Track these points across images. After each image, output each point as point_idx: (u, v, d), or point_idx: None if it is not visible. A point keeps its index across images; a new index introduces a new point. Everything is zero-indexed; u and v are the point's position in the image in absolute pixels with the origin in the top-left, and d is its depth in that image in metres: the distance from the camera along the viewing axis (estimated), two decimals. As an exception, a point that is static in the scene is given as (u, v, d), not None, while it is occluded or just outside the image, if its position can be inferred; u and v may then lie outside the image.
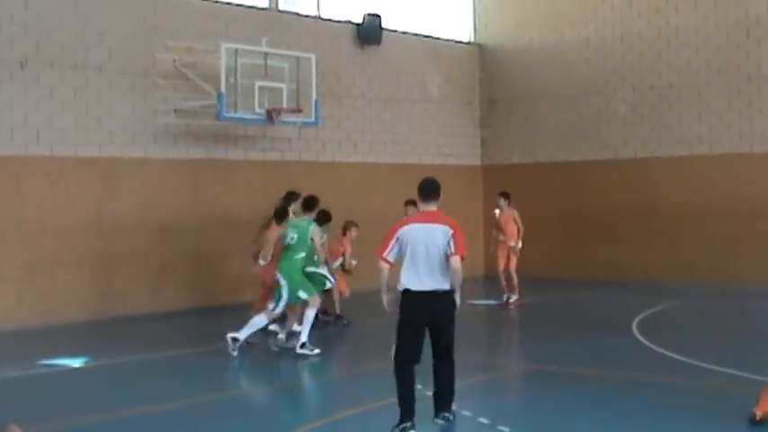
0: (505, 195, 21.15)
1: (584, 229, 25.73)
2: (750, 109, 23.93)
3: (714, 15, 24.44)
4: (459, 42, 28.49)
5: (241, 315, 15.37)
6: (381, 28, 25.20)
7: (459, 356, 10.04)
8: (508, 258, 20.76)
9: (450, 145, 27.56)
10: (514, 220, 20.84)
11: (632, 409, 10.65)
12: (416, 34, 26.96)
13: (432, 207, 9.93)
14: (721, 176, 23.88)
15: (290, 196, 16.66)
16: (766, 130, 23.63)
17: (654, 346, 14.81)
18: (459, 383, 9.94)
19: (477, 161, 28.51)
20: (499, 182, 27.17)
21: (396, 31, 26.16)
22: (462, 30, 28.77)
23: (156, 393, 12.19)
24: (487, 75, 28.59)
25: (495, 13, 28.63)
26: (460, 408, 10.41)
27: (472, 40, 28.81)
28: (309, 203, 15.62)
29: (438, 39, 27.69)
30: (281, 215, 15.52)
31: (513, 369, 13.56)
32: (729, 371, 12.56)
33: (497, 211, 21.11)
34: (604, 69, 26.33)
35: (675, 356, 13.95)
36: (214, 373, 13.56)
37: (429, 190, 9.95)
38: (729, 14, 24.19)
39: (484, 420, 10.23)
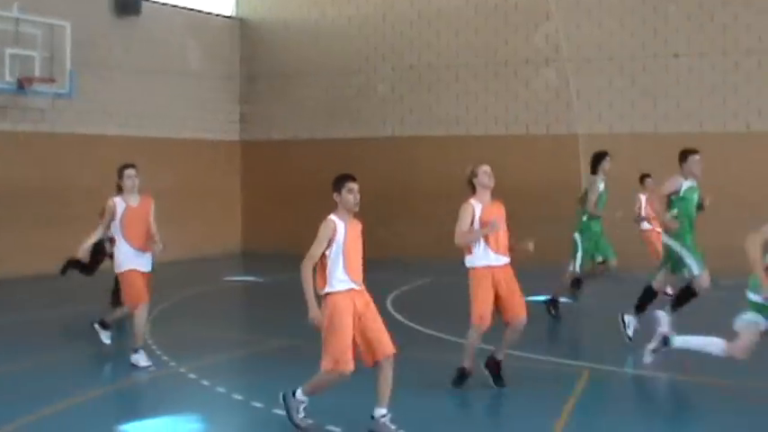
0: None
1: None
2: (507, 92, 24.54)
3: (475, -1, 24.95)
4: (220, 16, 27.98)
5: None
6: (138, -1, 24.46)
7: (215, 333, 9.96)
8: None
9: (208, 120, 27.02)
10: None
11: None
12: (176, 6, 26.32)
13: None
14: (478, 157, 24.33)
15: None
16: (521, 114, 24.33)
17: (407, 322, 14.98)
18: (213, 360, 9.81)
19: (235, 137, 28.10)
20: (258, 158, 27.07)
21: (155, 1, 25.44)
22: (224, 3, 28.27)
23: None
24: (248, 50, 28.24)
25: (256, -14, 28.32)
26: (214, 385, 10.54)
27: (234, 14, 28.36)
28: None
29: (199, 11, 27.12)
30: None
31: (268, 345, 13.43)
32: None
33: (642, 197, 18.38)
34: (366, 48, 26.46)
35: (425, 330, 14.31)
36: None
37: None
38: (491, -2, 24.76)
39: (238, 397, 10.20)
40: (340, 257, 8.47)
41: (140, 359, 11.52)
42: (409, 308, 16.50)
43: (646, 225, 18.12)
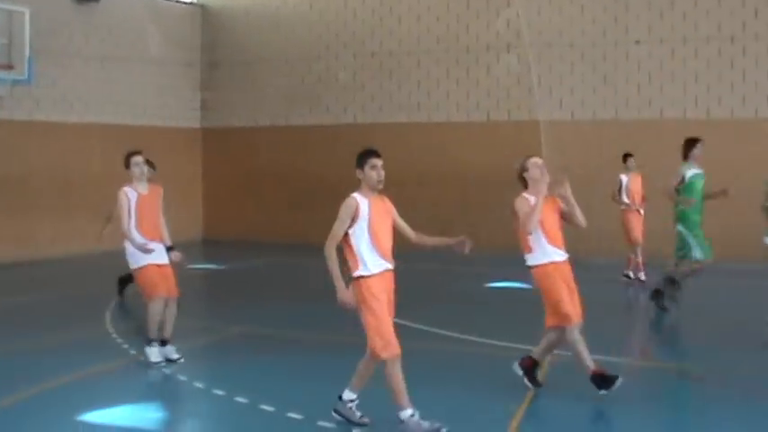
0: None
1: (304, 193, 25.73)
2: (468, 79, 24.60)
3: (437, -16, 24.98)
4: (181, 2, 27.82)
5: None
6: (97, -16, 24.27)
7: (176, 321, 10.09)
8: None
9: (169, 106, 26.89)
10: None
11: (343, 369, 10.78)
12: (136, -8, 26.16)
13: None
14: (439, 144, 24.44)
15: None
16: (482, 100, 24.39)
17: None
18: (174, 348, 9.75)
19: (196, 124, 27.99)
20: (219, 145, 27.00)
21: (114, -13, 25.28)
22: (184, -11, 28.15)
23: None
24: (209, 36, 28.12)
25: (217, -27, 28.19)
26: (175, 372, 10.60)
27: (195, 0, 28.20)
28: None
29: (158, -2, 26.99)
30: None
31: (227, 333, 13.43)
32: (436, 330, 13.06)
33: (624, 177, 18.53)
34: (327, 35, 26.43)
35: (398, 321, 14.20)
36: None
37: None
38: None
39: (199, 385, 10.23)
40: (365, 236, 8.19)
41: (151, 354, 11.07)
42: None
43: (626, 202, 18.31)
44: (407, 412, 8.00)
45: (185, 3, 27.93)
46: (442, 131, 24.48)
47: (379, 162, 8.60)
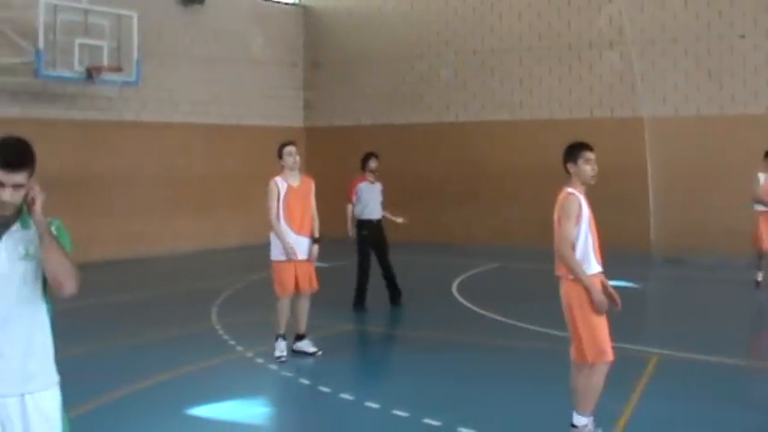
0: None
1: (408, 192, 25.78)
2: (570, 76, 24.44)
3: (538, -18, 24.88)
4: (284, 3, 28.15)
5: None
6: (202, -12, 24.69)
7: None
8: None
9: (273, 106, 27.22)
10: None
11: (451, 368, 10.79)
12: (239, -6, 26.53)
13: None
14: (543, 141, 24.31)
15: None
16: (584, 97, 24.22)
17: (473, 307, 15.02)
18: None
19: (299, 123, 28.29)
20: (322, 144, 27.21)
21: (218, -10, 25.68)
22: (287, -10, 28.47)
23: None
24: (312, 37, 28.39)
25: (320, -26, 28.44)
26: (281, 369, 10.75)
27: (297, 1, 28.50)
28: None
29: (261, 0, 27.34)
30: None
31: (333, 330, 13.50)
32: (541, 329, 12.88)
33: (762, 176, 16.59)
34: (428, 33, 26.48)
35: (493, 316, 14.27)
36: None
37: None
38: (552, -18, 24.68)
39: (305, 381, 10.38)
40: (589, 237, 7.53)
41: (276, 348, 11.13)
42: (477, 293, 16.55)
43: (760, 207, 16.48)
44: (584, 420, 7.54)
45: (288, 4, 28.24)
46: (545, 129, 24.35)
47: (593, 155, 8.05)
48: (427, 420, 8.43)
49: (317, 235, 11.37)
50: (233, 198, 24.54)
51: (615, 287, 7.68)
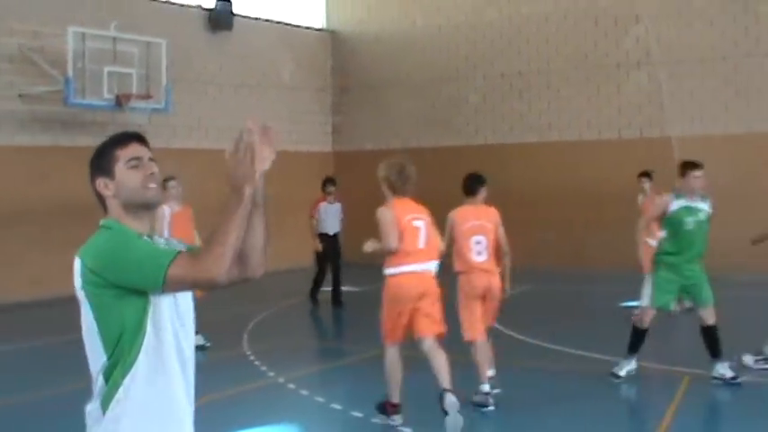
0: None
1: (436, 214, 25.76)
2: (598, 97, 24.43)
3: (564, 3, 24.88)
4: (312, 29, 28.31)
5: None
6: (233, 13, 24.87)
7: (312, 343, 10.05)
8: None
9: (302, 132, 27.32)
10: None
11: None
12: (268, 20, 26.68)
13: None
14: (572, 163, 24.29)
15: None
16: (614, 117, 24.19)
17: (505, 330, 14.99)
18: (311, 370, 9.84)
19: (329, 148, 28.41)
20: (352, 169, 27.25)
21: (247, 16, 25.84)
22: (315, 16, 28.61)
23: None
24: (340, 61, 28.53)
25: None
26: (312, 394, 10.74)
27: (324, 26, 28.67)
28: None
29: (290, 25, 27.47)
30: None
31: (364, 355, 13.49)
32: (579, 352, 12.90)
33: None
34: (456, 57, 26.54)
35: (524, 338, 14.29)
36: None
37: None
38: (578, 3, 24.66)
39: (337, 406, 10.36)
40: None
41: None
42: (511, 315, 16.49)
43: None
44: None
45: (315, 29, 28.39)
46: (573, 150, 24.34)
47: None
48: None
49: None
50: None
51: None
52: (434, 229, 9.86)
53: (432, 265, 9.44)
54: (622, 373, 11.01)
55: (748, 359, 11.45)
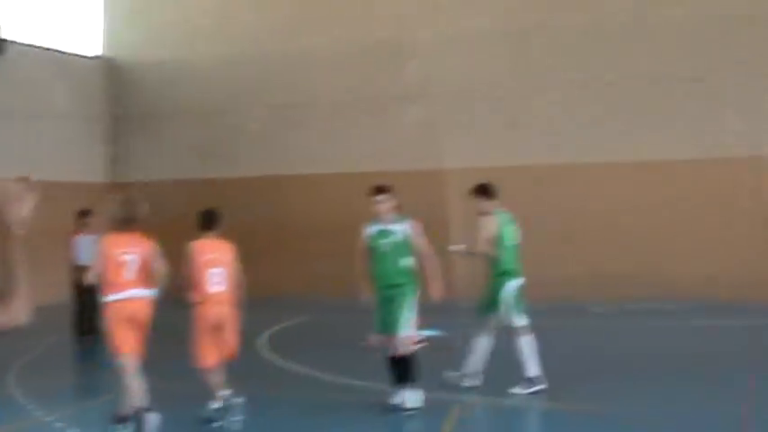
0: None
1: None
2: (376, 129, 24.72)
3: (344, 36, 25.10)
4: (86, 57, 27.56)
5: None
6: (2, 39, 23.96)
7: (79, 379, 9.68)
8: None
9: (74, 161, 26.42)
10: None
11: (257, 423, 10.66)
12: (41, 47, 25.84)
13: None
14: (347, 195, 24.38)
15: None
16: (390, 149, 24.44)
17: (281, 361, 14.93)
18: (80, 406, 9.41)
19: (104, 178, 27.57)
20: (130, 199, 26.63)
21: (19, 42, 24.92)
22: (92, 44, 27.90)
23: None
24: (117, 89, 27.88)
25: (124, 26, 27.98)
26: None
27: (103, 53, 27.94)
28: None
29: (64, 52, 26.69)
30: None
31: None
32: (349, 381, 13.09)
33: None
34: (238, 86, 26.36)
35: (300, 369, 14.34)
36: None
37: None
38: (358, 36, 24.95)
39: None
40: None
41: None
42: (288, 347, 16.44)
43: None
44: None
45: (91, 57, 27.65)
46: (352, 182, 24.42)
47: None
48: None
49: None
50: (32, 256, 23.67)
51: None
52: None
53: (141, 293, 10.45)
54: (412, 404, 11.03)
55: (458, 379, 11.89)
